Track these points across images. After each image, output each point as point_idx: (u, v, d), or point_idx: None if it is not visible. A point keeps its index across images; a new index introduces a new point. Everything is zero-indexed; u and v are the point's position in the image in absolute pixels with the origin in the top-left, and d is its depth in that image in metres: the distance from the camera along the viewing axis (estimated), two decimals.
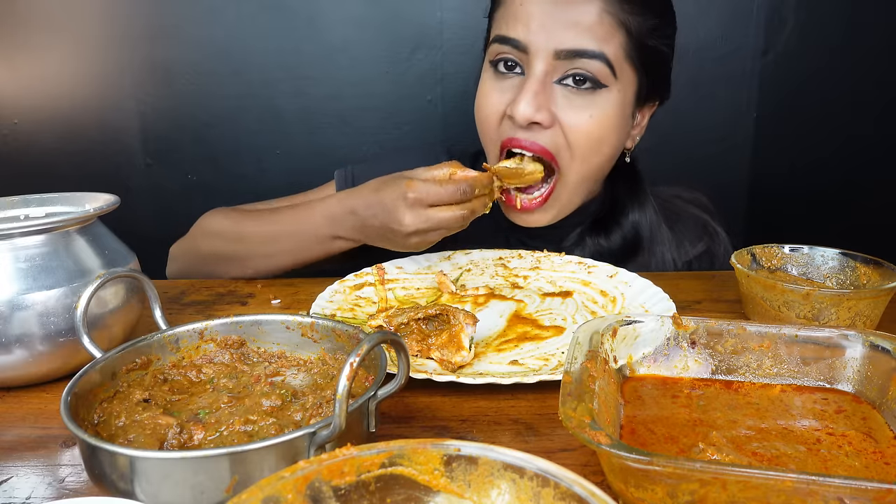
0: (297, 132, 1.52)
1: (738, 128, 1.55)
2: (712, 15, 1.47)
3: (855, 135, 1.55)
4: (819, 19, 1.48)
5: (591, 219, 1.00)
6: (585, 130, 0.85)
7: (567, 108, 0.84)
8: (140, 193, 1.54)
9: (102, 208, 0.68)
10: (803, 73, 1.51)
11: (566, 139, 0.85)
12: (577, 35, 0.82)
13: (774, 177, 1.59)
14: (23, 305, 0.60)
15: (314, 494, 0.34)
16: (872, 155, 1.56)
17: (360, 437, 0.46)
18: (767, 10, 1.47)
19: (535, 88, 0.83)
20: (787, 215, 1.61)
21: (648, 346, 0.58)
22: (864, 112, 1.54)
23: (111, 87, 1.49)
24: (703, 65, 1.49)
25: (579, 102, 0.84)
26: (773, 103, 1.53)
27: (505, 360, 0.68)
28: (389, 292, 0.87)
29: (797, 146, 1.56)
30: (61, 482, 0.51)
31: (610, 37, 0.82)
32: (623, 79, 0.85)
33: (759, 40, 1.49)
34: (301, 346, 0.59)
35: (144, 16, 1.45)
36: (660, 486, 0.41)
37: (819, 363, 0.57)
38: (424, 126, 1.49)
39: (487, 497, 0.35)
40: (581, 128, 0.84)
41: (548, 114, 0.84)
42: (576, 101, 0.84)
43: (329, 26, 1.46)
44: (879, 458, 0.48)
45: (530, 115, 0.83)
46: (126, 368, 0.54)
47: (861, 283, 0.77)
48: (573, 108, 0.84)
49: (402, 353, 0.47)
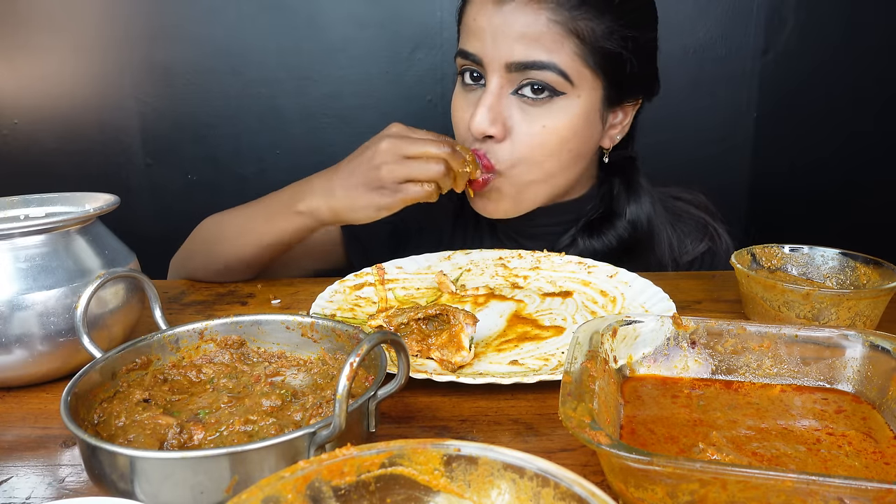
0: (297, 132, 1.52)
1: (738, 128, 1.55)
2: (712, 15, 1.47)
3: (855, 135, 1.55)
4: (819, 19, 1.48)
5: (584, 220, 0.99)
6: (538, 141, 0.86)
7: (521, 119, 0.86)
8: (140, 193, 1.55)
9: (102, 208, 0.68)
10: (803, 72, 1.51)
11: (513, 150, 0.86)
12: (526, 47, 0.83)
13: (774, 177, 1.59)
14: (23, 305, 0.60)
15: (314, 494, 0.34)
16: (872, 155, 1.56)
17: (360, 437, 0.46)
18: (767, 10, 1.47)
19: (489, 102, 0.85)
20: (787, 215, 1.61)
21: (648, 346, 0.58)
22: (864, 112, 1.54)
23: (111, 86, 1.49)
24: (703, 65, 1.50)
25: (534, 113, 0.85)
26: (773, 103, 1.53)
27: (505, 360, 0.68)
28: (389, 292, 0.87)
29: (797, 146, 1.56)
30: (61, 482, 0.51)
31: (559, 46, 0.83)
32: (583, 84, 0.85)
33: (759, 40, 1.49)
34: (301, 346, 0.59)
35: (144, 16, 1.45)
36: (660, 486, 0.41)
37: (819, 363, 0.57)
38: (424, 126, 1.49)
39: (487, 497, 0.35)
40: (534, 139, 0.86)
41: (501, 127, 0.85)
42: (531, 111, 0.85)
43: (329, 26, 1.46)
44: (879, 458, 0.48)
45: (484, 128, 0.84)
46: (126, 368, 0.54)
47: (861, 283, 0.77)
48: (526, 120, 0.85)
49: (402, 353, 0.47)
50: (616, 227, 0.97)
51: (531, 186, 0.90)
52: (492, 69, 0.85)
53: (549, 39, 0.82)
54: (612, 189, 1.00)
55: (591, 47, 0.84)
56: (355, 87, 1.49)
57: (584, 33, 0.83)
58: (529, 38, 0.82)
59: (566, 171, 0.91)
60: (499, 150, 0.86)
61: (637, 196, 0.99)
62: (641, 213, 0.98)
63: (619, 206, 0.98)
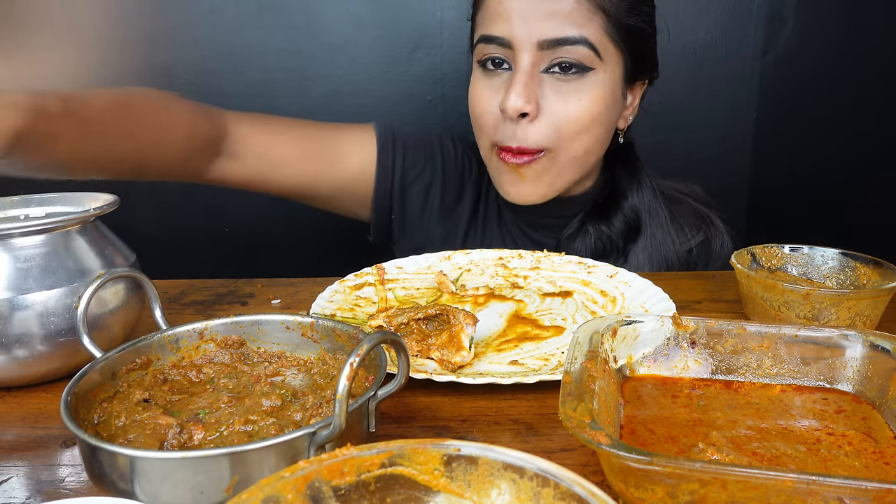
0: None
1: (738, 128, 1.55)
2: (712, 15, 1.47)
3: (855, 135, 1.55)
4: (819, 19, 1.48)
5: (591, 205, 1.01)
6: (575, 116, 0.88)
7: (554, 97, 0.88)
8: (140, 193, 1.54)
9: (102, 208, 0.68)
10: (803, 72, 1.51)
11: (553, 127, 0.88)
12: (557, 24, 0.85)
13: (774, 177, 1.59)
14: (23, 305, 0.60)
15: (314, 494, 0.34)
16: (873, 155, 1.56)
17: (360, 437, 0.46)
18: (767, 10, 1.47)
19: (523, 80, 0.86)
20: (787, 215, 1.61)
21: (648, 346, 0.58)
22: (864, 112, 1.54)
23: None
24: (703, 65, 1.50)
25: (567, 89, 0.88)
26: (773, 103, 1.53)
27: (505, 360, 0.68)
28: (389, 292, 0.87)
29: (797, 146, 1.56)
30: (61, 482, 0.51)
31: (588, 21, 0.86)
32: (608, 59, 0.88)
33: (759, 40, 1.49)
34: (301, 346, 0.59)
35: (145, 16, 1.45)
36: (660, 486, 0.41)
37: (819, 363, 0.57)
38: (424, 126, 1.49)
39: (487, 497, 0.35)
40: (570, 114, 0.88)
41: (535, 105, 0.87)
42: (563, 88, 0.88)
43: (329, 26, 1.46)
44: (879, 458, 0.48)
45: (520, 106, 0.86)
46: (126, 368, 0.54)
47: (861, 283, 0.77)
48: (560, 97, 0.88)
49: (402, 353, 0.47)
50: (622, 208, 1.00)
51: (570, 165, 0.92)
52: (522, 49, 0.86)
53: (578, 15, 0.85)
54: (615, 173, 1.03)
55: (616, 22, 0.87)
56: (355, 88, 1.49)
57: (609, 8, 0.86)
58: (561, 16, 0.85)
59: (596, 148, 0.94)
60: (534, 130, 0.88)
61: (638, 180, 1.02)
62: (644, 195, 1.01)
63: (623, 189, 1.01)
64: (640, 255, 1.00)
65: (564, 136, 0.89)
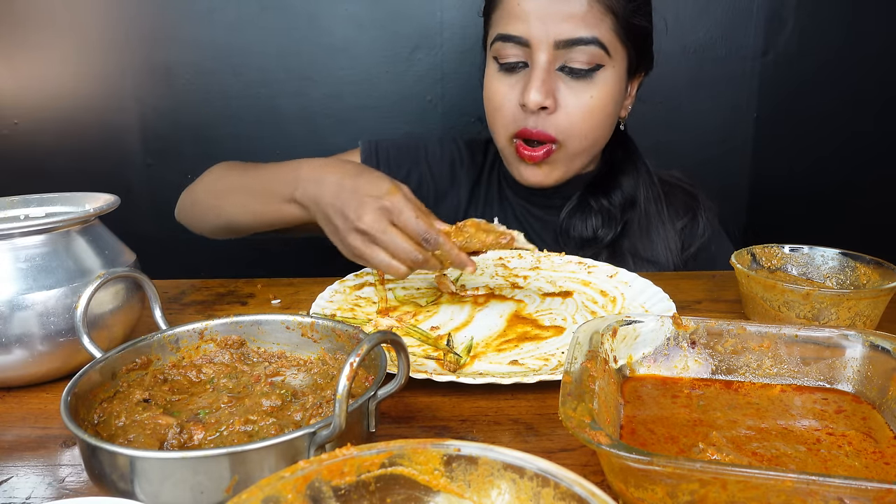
0: (297, 132, 1.52)
1: (738, 128, 1.55)
2: (712, 15, 1.47)
3: (855, 135, 1.54)
4: (819, 20, 1.48)
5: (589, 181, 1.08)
6: (588, 110, 0.95)
7: (568, 93, 0.94)
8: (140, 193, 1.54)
9: (102, 208, 0.68)
10: (803, 73, 1.51)
11: (569, 120, 0.94)
12: (572, 25, 0.91)
13: (774, 177, 1.59)
14: (23, 305, 0.60)
15: (314, 494, 0.34)
16: (872, 155, 1.56)
17: (360, 437, 0.46)
18: (767, 11, 1.47)
19: (542, 77, 0.92)
20: (787, 215, 1.61)
21: (648, 346, 0.58)
22: (864, 112, 1.54)
23: (112, 87, 1.49)
24: (703, 65, 1.50)
25: (580, 86, 0.94)
26: (773, 104, 1.53)
27: (505, 360, 0.68)
28: (389, 292, 0.87)
29: (797, 146, 1.56)
30: (61, 482, 0.51)
31: (600, 21, 0.92)
32: (616, 56, 0.95)
33: (759, 41, 1.49)
34: (301, 346, 0.59)
35: (145, 16, 1.45)
36: (660, 486, 0.41)
37: (819, 363, 0.57)
38: (424, 126, 1.49)
39: (487, 497, 0.35)
40: (583, 109, 0.94)
41: (553, 100, 0.93)
42: (576, 85, 0.94)
43: (329, 26, 1.46)
44: (879, 458, 0.48)
45: (540, 100, 0.92)
46: (126, 368, 0.54)
47: (861, 283, 0.77)
48: (574, 92, 0.94)
49: (402, 353, 0.47)
50: (620, 183, 1.06)
51: (582, 154, 0.99)
52: (539, 48, 0.92)
53: (591, 17, 0.91)
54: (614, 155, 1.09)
55: (624, 22, 0.94)
56: (355, 87, 1.49)
57: (618, 10, 0.92)
58: (576, 18, 0.91)
59: (604, 137, 1.01)
60: (552, 122, 0.94)
61: (634, 161, 1.09)
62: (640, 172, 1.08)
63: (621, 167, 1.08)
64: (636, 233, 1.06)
65: (578, 128, 0.95)
